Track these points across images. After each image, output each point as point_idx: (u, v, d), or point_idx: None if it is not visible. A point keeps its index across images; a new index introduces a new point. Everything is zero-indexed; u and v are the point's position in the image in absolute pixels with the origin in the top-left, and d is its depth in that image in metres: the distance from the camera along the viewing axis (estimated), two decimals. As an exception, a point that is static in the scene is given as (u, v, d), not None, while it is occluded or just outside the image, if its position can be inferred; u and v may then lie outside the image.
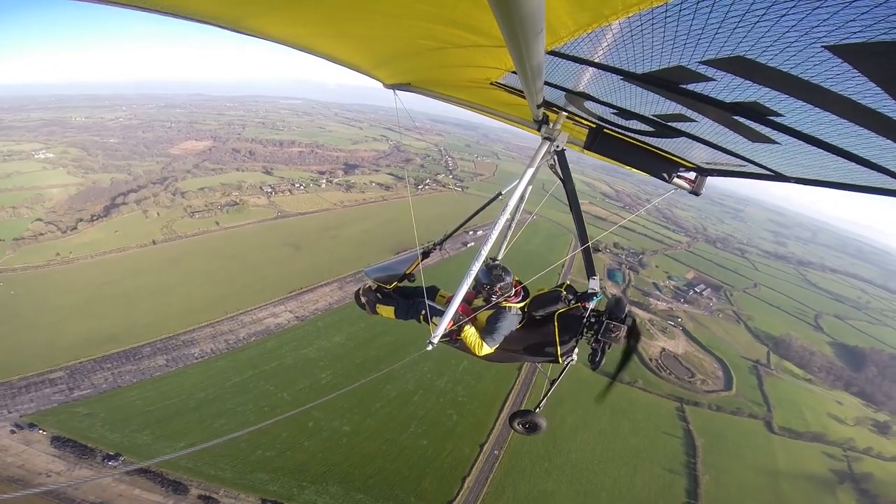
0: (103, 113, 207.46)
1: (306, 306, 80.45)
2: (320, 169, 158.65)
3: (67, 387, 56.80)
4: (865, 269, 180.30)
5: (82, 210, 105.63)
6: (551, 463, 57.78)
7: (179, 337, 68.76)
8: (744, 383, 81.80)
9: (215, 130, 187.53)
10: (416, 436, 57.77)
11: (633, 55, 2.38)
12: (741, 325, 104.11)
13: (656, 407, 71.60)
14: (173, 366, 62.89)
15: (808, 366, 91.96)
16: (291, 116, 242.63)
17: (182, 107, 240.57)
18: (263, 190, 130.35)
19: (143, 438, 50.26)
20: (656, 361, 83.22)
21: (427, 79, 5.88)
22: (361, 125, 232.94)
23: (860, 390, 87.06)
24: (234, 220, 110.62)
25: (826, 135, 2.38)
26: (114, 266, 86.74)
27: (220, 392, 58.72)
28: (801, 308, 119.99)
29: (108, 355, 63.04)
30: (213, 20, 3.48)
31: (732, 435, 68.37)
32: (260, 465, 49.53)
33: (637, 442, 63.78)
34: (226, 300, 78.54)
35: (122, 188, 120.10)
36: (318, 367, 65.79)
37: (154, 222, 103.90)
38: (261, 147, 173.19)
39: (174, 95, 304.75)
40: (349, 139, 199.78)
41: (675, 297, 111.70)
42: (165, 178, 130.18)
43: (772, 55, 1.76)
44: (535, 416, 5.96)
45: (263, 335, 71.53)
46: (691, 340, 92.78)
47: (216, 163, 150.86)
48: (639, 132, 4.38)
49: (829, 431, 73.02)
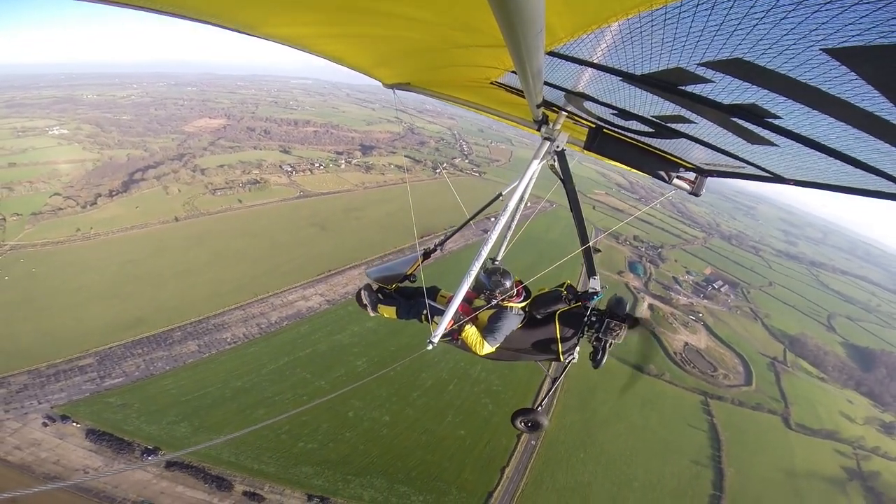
0: (114, 91, 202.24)
1: (336, 289, 79.87)
2: (337, 149, 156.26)
3: (98, 375, 55.38)
4: (874, 272, 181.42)
5: (100, 185, 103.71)
6: (586, 454, 58.65)
7: (210, 320, 67.97)
8: (763, 379, 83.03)
9: (229, 109, 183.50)
10: (454, 426, 57.99)
11: (632, 56, 2.40)
12: (758, 323, 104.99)
13: (682, 400, 72.85)
14: (206, 352, 62.09)
15: (822, 364, 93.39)
16: (303, 96, 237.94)
17: (193, 85, 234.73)
18: (283, 169, 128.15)
19: (182, 430, 49.37)
20: (680, 355, 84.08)
21: (427, 79, 5.89)
22: (374, 106, 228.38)
23: (869, 390, 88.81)
24: (257, 198, 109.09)
25: (824, 137, 2.40)
26: (136, 243, 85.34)
27: (257, 380, 58.20)
28: (815, 308, 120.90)
29: (138, 340, 61.81)
30: (212, 20, 3.43)
31: (753, 430, 69.79)
32: (303, 457, 49.33)
33: (666, 434, 65.05)
34: (255, 281, 77.83)
35: (139, 164, 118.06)
36: (352, 354, 65.53)
37: (175, 198, 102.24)
38: (276, 126, 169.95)
39: (184, 74, 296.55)
40: (363, 120, 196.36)
41: (694, 292, 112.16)
42: (183, 154, 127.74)
43: (770, 57, 1.76)
44: (538, 415, 6.04)
45: (296, 319, 71.08)
46: (712, 336, 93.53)
47: (232, 140, 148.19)
48: (638, 132, 4.42)
49: (841, 429, 74.67)
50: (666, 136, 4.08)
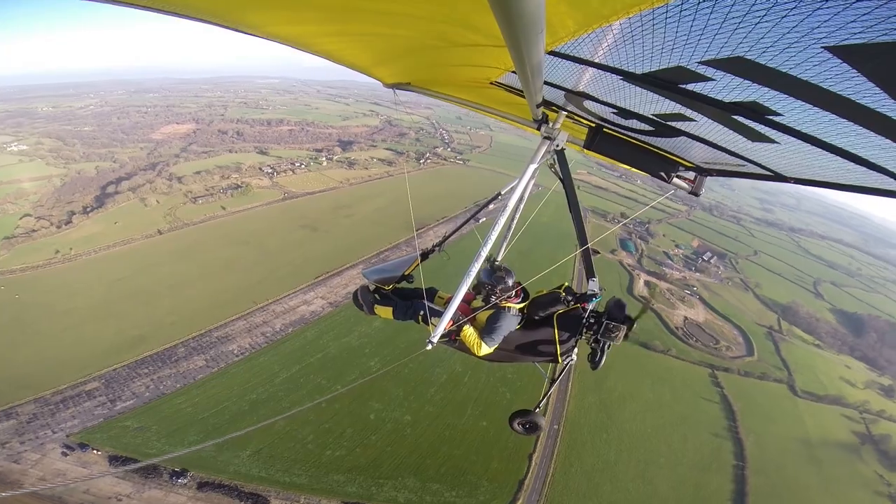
0: (71, 101, 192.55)
1: (337, 291, 77.91)
2: (316, 147, 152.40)
3: (108, 398, 52.84)
4: (848, 233, 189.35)
5: (72, 202, 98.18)
6: (609, 434, 59.18)
7: (212, 333, 65.45)
8: (763, 349, 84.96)
9: (196, 113, 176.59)
10: (475, 418, 57.56)
11: (632, 55, 2.37)
12: (750, 293, 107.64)
13: (691, 374, 73.86)
14: (214, 366, 59.70)
15: (816, 332, 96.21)
16: (273, 95, 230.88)
17: (155, 91, 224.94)
18: (264, 171, 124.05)
19: (207, 450, 46.92)
20: (682, 330, 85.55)
21: (427, 78, 5.89)
22: (347, 101, 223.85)
23: (863, 355, 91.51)
24: (241, 203, 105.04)
25: (825, 134, 2.38)
26: (122, 260, 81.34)
27: (272, 391, 56.35)
28: (800, 275, 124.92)
29: (141, 359, 59.17)
30: (213, 19, 3.37)
31: (763, 399, 71.33)
32: (333, 465, 48.06)
33: (681, 409, 65.95)
34: (252, 290, 75.27)
35: (110, 176, 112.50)
36: (364, 355, 64.19)
37: (155, 210, 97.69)
38: (248, 127, 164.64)
39: (143, 80, 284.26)
40: (338, 115, 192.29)
41: (686, 265, 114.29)
42: (155, 163, 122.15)
43: (772, 56, 1.77)
44: (535, 416, 6.04)
45: (300, 325, 69.05)
46: (709, 308, 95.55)
47: (204, 145, 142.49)
48: (638, 131, 4.42)
49: (845, 394, 76.85)
50: (666, 134, 4.06)
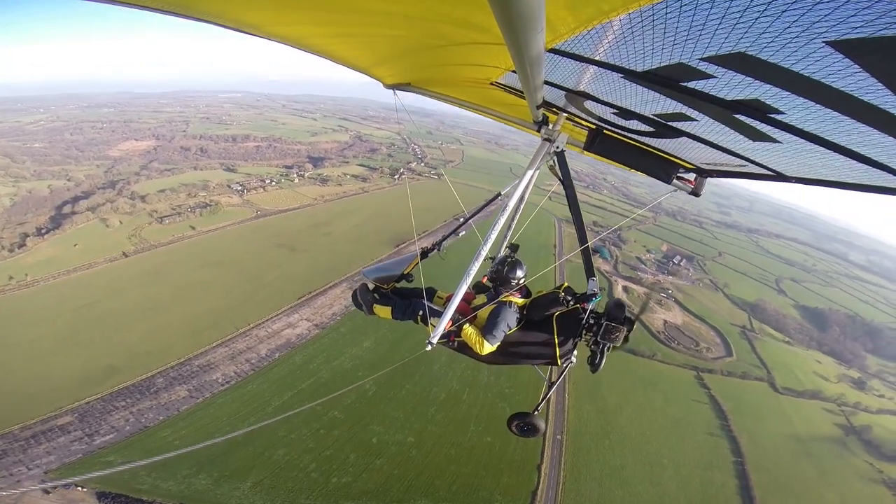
0: (19, 116, 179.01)
1: (322, 311, 75.06)
2: (285, 163, 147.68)
3: (84, 433, 48.35)
4: (800, 232, 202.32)
5: (24, 223, 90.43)
6: (611, 440, 59.62)
7: (193, 362, 61.22)
8: (740, 348, 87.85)
9: (156, 128, 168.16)
10: (479, 434, 56.56)
11: (633, 52, 2.37)
12: (720, 293, 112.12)
13: (678, 377, 75.49)
14: (199, 396, 55.68)
15: (784, 329, 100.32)
16: (236, 110, 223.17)
17: (110, 106, 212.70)
18: (233, 188, 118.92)
19: (202, 482, 44.02)
20: (664, 334, 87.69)
21: (427, 78, 5.90)
22: (315, 116, 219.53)
23: (830, 349, 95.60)
24: (211, 222, 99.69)
25: (828, 132, 2.38)
26: (85, 286, 75.17)
27: (265, 420, 53.30)
28: (763, 274, 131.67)
29: (117, 391, 54.63)
30: (214, 19, 3.41)
31: (748, 397, 73.67)
32: (341, 493, 45.59)
33: (674, 412, 67.27)
34: (232, 313, 71.34)
35: (64, 196, 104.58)
36: (357, 378, 61.23)
37: (118, 231, 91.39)
38: (212, 143, 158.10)
39: (97, 94, 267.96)
40: (307, 131, 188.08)
41: (658, 269, 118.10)
42: (115, 181, 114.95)
43: (773, 51, 1.76)
44: (534, 419, 6.03)
45: (287, 349, 65.71)
46: (685, 311, 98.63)
47: (166, 163, 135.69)
48: (639, 133, 4.46)
49: (821, 389, 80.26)
50: (667, 135, 4.04)
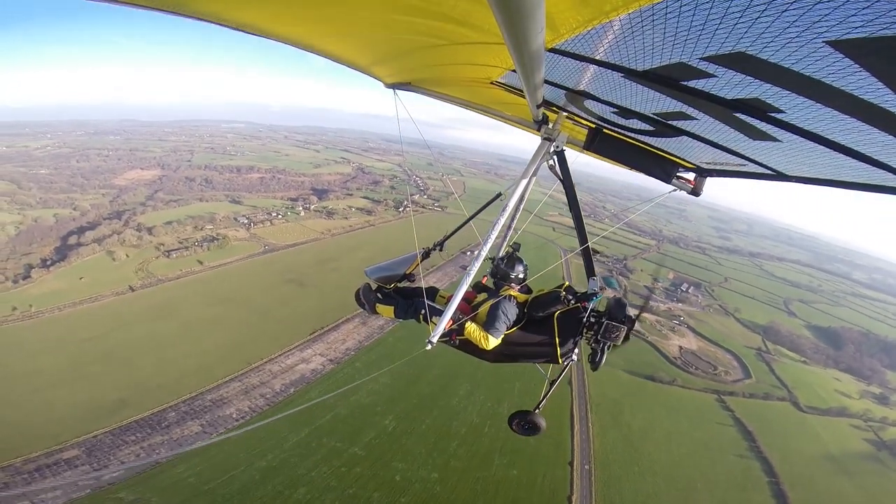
0: (27, 141, 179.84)
1: (335, 347, 73.31)
2: (290, 195, 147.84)
3: (91, 467, 46.08)
4: (801, 254, 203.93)
5: (29, 254, 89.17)
6: (640, 467, 58.21)
7: (205, 396, 59.17)
8: (758, 370, 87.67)
9: (161, 158, 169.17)
10: (505, 467, 54.54)
11: (633, 52, 2.37)
12: (731, 318, 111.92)
13: (700, 401, 75.06)
14: (212, 431, 53.51)
15: (800, 349, 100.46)
16: (240, 140, 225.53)
17: (116, 133, 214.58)
18: (239, 221, 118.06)
19: None
20: (680, 359, 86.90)
21: (427, 77, 5.96)
22: (317, 148, 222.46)
23: (848, 367, 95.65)
24: (219, 257, 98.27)
25: (828, 131, 2.35)
26: (91, 318, 73.41)
27: (283, 456, 50.77)
28: (771, 297, 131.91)
29: (126, 425, 52.51)
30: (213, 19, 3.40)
31: (773, 417, 73.28)
32: (368, 534, 43.26)
33: (700, 435, 66.51)
34: (243, 349, 69.43)
35: (70, 225, 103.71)
36: (376, 413, 59.79)
37: (125, 265, 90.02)
38: (217, 174, 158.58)
39: (103, 121, 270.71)
40: (309, 163, 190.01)
41: (668, 297, 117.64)
42: (121, 211, 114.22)
43: (773, 51, 1.76)
44: (535, 417, 6.04)
45: (302, 384, 63.61)
46: (699, 336, 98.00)
47: (171, 193, 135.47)
48: (639, 132, 4.45)
49: (846, 406, 79.86)
50: (667, 134, 4.03)
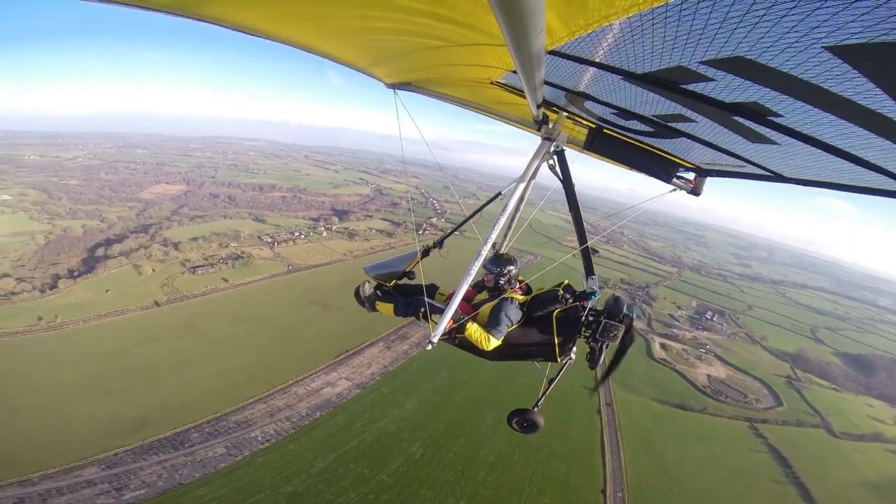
0: (59, 151, 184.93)
1: (361, 371, 72.43)
2: (311, 215, 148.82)
3: (112, 486, 45.58)
4: (824, 281, 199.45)
5: (57, 264, 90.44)
6: (675, 495, 57.46)
7: (230, 417, 58.62)
8: (789, 397, 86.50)
9: (186, 173, 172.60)
10: (536, 496, 53.40)
11: (633, 55, 2.37)
12: (758, 346, 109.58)
13: (732, 429, 73.90)
14: (237, 454, 52.65)
15: (830, 376, 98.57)
16: (262, 159, 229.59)
17: (144, 147, 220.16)
18: (263, 240, 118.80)
19: None
20: (710, 388, 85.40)
21: (428, 78, 5.94)
22: (336, 168, 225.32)
23: (880, 393, 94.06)
24: (243, 275, 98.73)
25: (825, 135, 2.36)
26: (116, 332, 73.73)
27: (310, 482, 49.78)
28: (797, 325, 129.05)
29: (148, 444, 52.19)
30: (213, 20, 3.40)
31: (807, 444, 72.09)
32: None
33: (734, 462, 65.49)
34: (269, 370, 68.93)
35: (97, 237, 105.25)
36: (403, 440, 58.66)
37: (151, 279, 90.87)
38: (240, 191, 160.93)
39: (132, 134, 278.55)
40: (329, 183, 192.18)
41: (692, 325, 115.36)
42: (148, 225, 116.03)
43: (772, 55, 1.78)
44: (533, 415, 6.01)
45: (328, 408, 62.72)
46: (727, 365, 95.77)
47: (195, 209, 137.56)
48: (638, 132, 4.45)
49: (880, 431, 78.58)
50: (666, 135, 4.07)
